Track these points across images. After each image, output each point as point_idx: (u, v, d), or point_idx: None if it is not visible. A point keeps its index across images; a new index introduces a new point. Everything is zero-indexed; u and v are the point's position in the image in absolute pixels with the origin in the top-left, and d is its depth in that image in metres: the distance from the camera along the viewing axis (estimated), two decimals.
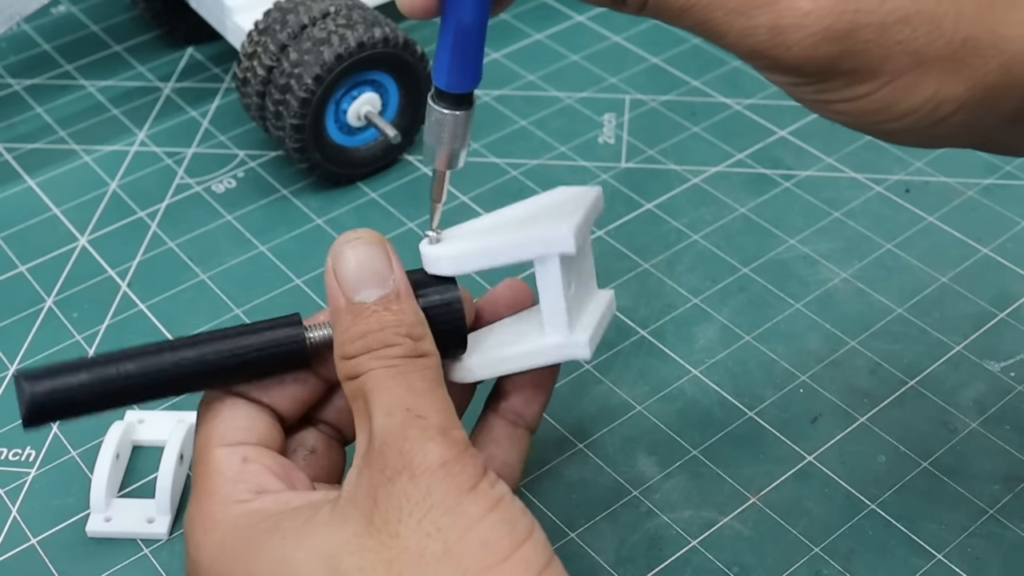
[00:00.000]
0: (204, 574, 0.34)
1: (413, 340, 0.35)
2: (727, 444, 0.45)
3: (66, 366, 0.35)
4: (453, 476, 0.32)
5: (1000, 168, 0.57)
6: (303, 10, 0.55)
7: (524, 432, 0.39)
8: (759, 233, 0.54)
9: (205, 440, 0.36)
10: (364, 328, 0.35)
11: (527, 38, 0.67)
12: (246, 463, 0.35)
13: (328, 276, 0.36)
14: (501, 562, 0.31)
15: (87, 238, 0.55)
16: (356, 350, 0.34)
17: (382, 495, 0.32)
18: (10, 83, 0.65)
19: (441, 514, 0.31)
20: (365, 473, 0.33)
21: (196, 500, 0.35)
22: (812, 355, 0.49)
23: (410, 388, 0.34)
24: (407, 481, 0.32)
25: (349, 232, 0.36)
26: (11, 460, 0.46)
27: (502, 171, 0.58)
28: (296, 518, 0.33)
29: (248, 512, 0.34)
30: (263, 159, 0.59)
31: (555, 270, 0.36)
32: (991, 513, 0.43)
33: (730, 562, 0.41)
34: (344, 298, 0.35)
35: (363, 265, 0.35)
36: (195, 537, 0.34)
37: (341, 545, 0.32)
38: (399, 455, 0.32)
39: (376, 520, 0.32)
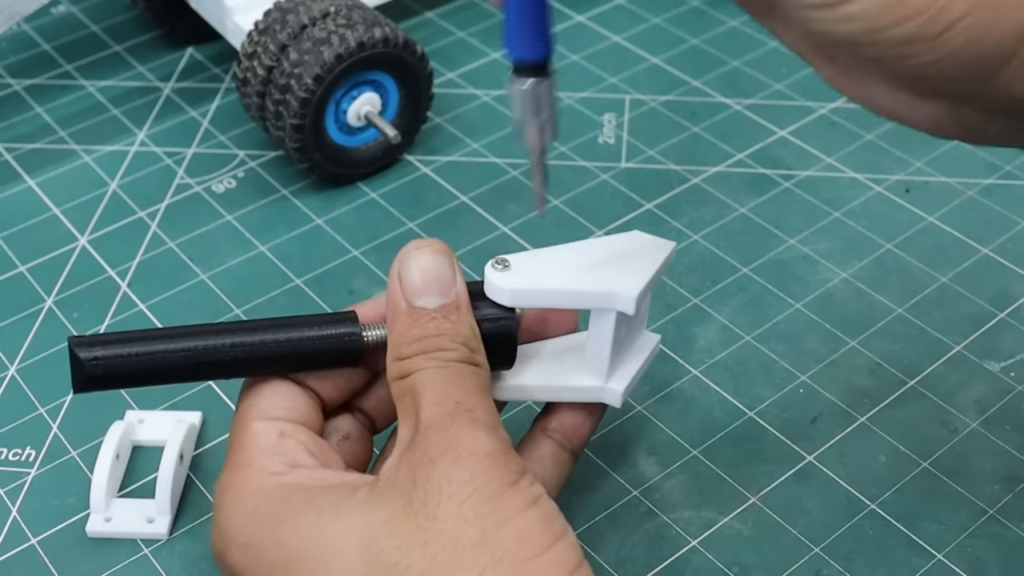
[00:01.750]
0: (232, 543, 0.34)
1: (468, 349, 0.35)
2: (727, 444, 0.45)
3: (121, 336, 0.36)
4: (497, 467, 0.32)
5: (1000, 168, 0.57)
6: (303, 10, 0.55)
7: (568, 456, 0.40)
8: (759, 233, 0.54)
9: (244, 412, 0.36)
10: (422, 332, 0.35)
11: None
12: (283, 437, 0.35)
13: (392, 279, 0.36)
14: (536, 556, 0.31)
15: (87, 238, 0.55)
16: (411, 351, 0.35)
17: (422, 476, 0.32)
18: (10, 83, 0.65)
19: (482, 502, 0.32)
20: (407, 457, 0.33)
21: (229, 470, 0.35)
22: (812, 355, 0.49)
23: (461, 386, 0.34)
24: (450, 463, 0.32)
25: (419, 239, 0.37)
26: (11, 460, 0.46)
27: (502, 171, 0.58)
28: (332, 495, 0.33)
29: (283, 484, 0.34)
30: (263, 159, 0.59)
31: (610, 325, 0.38)
32: (991, 513, 0.43)
33: (730, 562, 0.41)
34: (405, 302, 0.36)
35: (427, 272, 0.36)
36: (225, 507, 0.34)
37: (377, 525, 0.32)
38: (445, 438, 0.33)
39: (415, 501, 0.32)
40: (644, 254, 0.39)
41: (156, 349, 0.36)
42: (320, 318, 0.37)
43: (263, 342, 0.36)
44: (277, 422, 0.36)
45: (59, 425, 0.47)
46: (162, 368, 0.36)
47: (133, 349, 0.35)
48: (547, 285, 0.37)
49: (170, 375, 0.36)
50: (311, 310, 0.51)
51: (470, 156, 0.59)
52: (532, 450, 0.40)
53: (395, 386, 0.35)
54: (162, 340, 0.36)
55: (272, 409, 0.36)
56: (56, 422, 0.47)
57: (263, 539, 0.33)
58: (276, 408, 0.36)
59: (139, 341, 0.36)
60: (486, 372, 0.36)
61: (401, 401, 0.35)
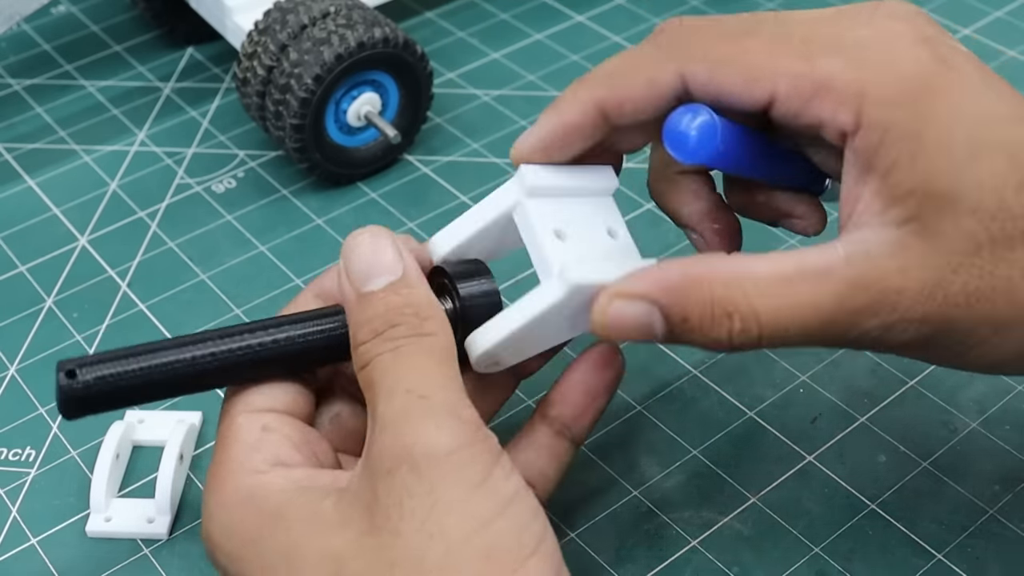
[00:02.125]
0: (218, 548, 0.34)
1: (419, 319, 0.34)
2: (727, 444, 0.45)
3: (106, 356, 0.34)
4: (461, 469, 0.31)
5: None
6: (303, 10, 0.55)
7: (569, 445, 0.38)
8: (759, 233, 0.54)
9: (231, 404, 0.36)
10: (371, 312, 0.34)
11: (527, 38, 0.67)
12: (266, 431, 0.35)
13: (340, 275, 0.36)
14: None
15: (87, 238, 0.55)
16: (365, 335, 0.34)
17: (382, 489, 0.31)
18: (10, 83, 0.65)
19: (445, 513, 0.30)
20: (367, 466, 0.32)
21: (214, 468, 0.35)
22: (812, 355, 0.49)
23: (412, 367, 0.33)
24: (407, 473, 0.31)
25: (355, 230, 0.36)
26: (11, 460, 0.46)
27: (502, 171, 0.58)
28: (301, 506, 0.32)
29: (259, 485, 0.33)
30: (263, 159, 0.59)
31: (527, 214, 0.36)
32: (991, 513, 0.43)
33: (730, 562, 0.41)
34: (354, 291, 0.35)
35: (368, 257, 0.35)
36: (209, 508, 0.34)
37: (346, 547, 0.31)
38: (399, 444, 0.31)
39: (378, 517, 0.31)
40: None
41: (138, 367, 0.34)
42: (305, 315, 0.36)
43: (250, 347, 0.35)
44: (262, 414, 0.35)
45: (59, 425, 0.47)
46: (148, 385, 0.35)
47: (122, 368, 0.34)
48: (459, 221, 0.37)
49: (157, 391, 0.35)
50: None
51: (470, 156, 0.59)
52: (530, 437, 0.38)
53: (359, 378, 0.34)
54: (144, 356, 0.35)
55: (258, 399, 0.36)
56: (56, 422, 0.47)
57: (243, 553, 0.33)
58: (261, 398, 0.36)
59: (127, 359, 0.34)
60: (444, 339, 0.34)
61: (366, 393, 0.34)
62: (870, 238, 0.32)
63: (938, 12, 0.68)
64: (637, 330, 0.33)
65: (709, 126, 0.33)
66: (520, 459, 0.37)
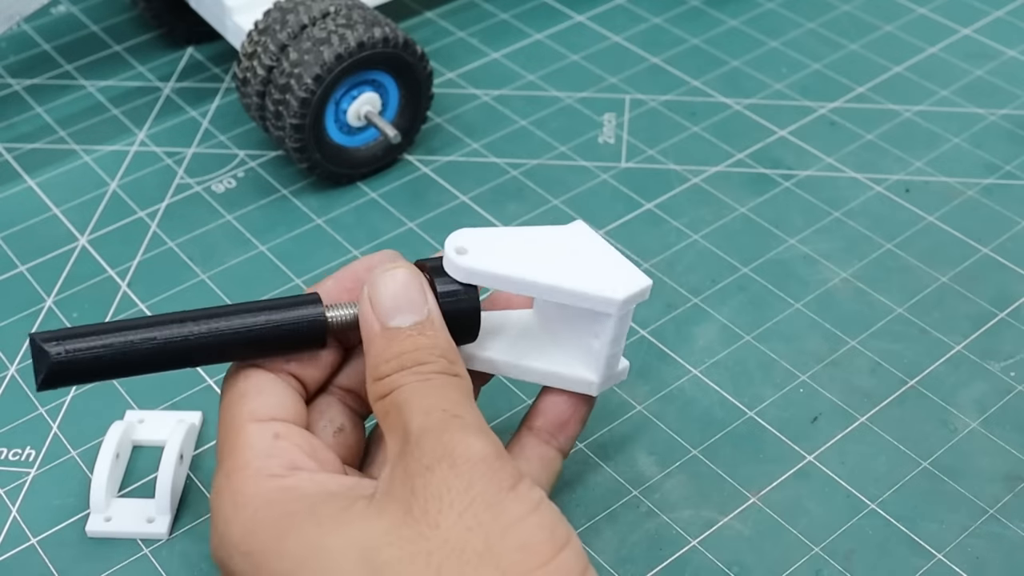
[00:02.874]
0: (234, 549, 0.34)
1: (447, 361, 0.35)
2: (727, 444, 0.45)
3: (84, 330, 0.35)
4: (495, 472, 0.32)
5: (1000, 168, 0.57)
6: (303, 10, 0.55)
7: (557, 454, 0.40)
8: (759, 233, 0.54)
9: (235, 414, 0.36)
10: (399, 349, 0.35)
11: (527, 38, 0.67)
12: (277, 439, 0.35)
13: (363, 303, 0.36)
14: (540, 567, 0.31)
15: (87, 238, 0.55)
16: (390, 369, 0.35)
17: (420, 484, 0.32)
18: (10, 83, 0.65)
19: (483, 509, 0.31)
20: (400, 466, 0.33)
21: (225, 474, 0.35)
22: (812, 355, 0.49)
23: (444, 395, 0.34)
24: (448, 470, 0.32)
25: (386, 262, 0.37)
26: (11, 460, 0.46)
27: (502, 171, 0.58)
28: (331, 505, 0.33)
29: (282, 488, 0.34)
30: (263, 159, 0.59)
31: (610, 327, 0.38)
32: (991, 513, 0.43)
33: (730, 562, 0.41)
34: (379, 323, 0.36)
35: (398, 293, 0.36)
36: (224, 511, 0.34)
37: (378, 537, 0.32)
38: (439, 444, 0.33)
39: (415, 510, 0.32)
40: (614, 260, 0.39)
41: (118, 340, 0.35)
42: (283, 301, 0.37)
43: (228, 328, 0.36)
44: (270, 423, 0.36)
45: (59, 425, 0.47)
46: (125, 359, 0.35)
47: (96, 342, 0.35)
48: (518, 274, 0.37)
49: (134, 366, 0.35)
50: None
51: (470, 156, 0.59)
52: (520, 449, 0.39)
53: (378, 407, 0.35)
54: (124, 331, 0.35)
55: (263, 408, 0.36)
56: (56, 422, 0.47)
57: (265, 549, 0.33)
58: (266, 407, 0.36)
59: (101, 334, 0.35)
60: (468, 382, 0.36)
61: (385, 419, 0.35)
62: None
63: (938, 12, 0.68)
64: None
65: None
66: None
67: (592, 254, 0.39)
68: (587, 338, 0.39)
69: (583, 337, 0.39)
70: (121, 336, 0.35)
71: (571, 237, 0.39)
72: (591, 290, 0.37)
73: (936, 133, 0.60)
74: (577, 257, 0.39)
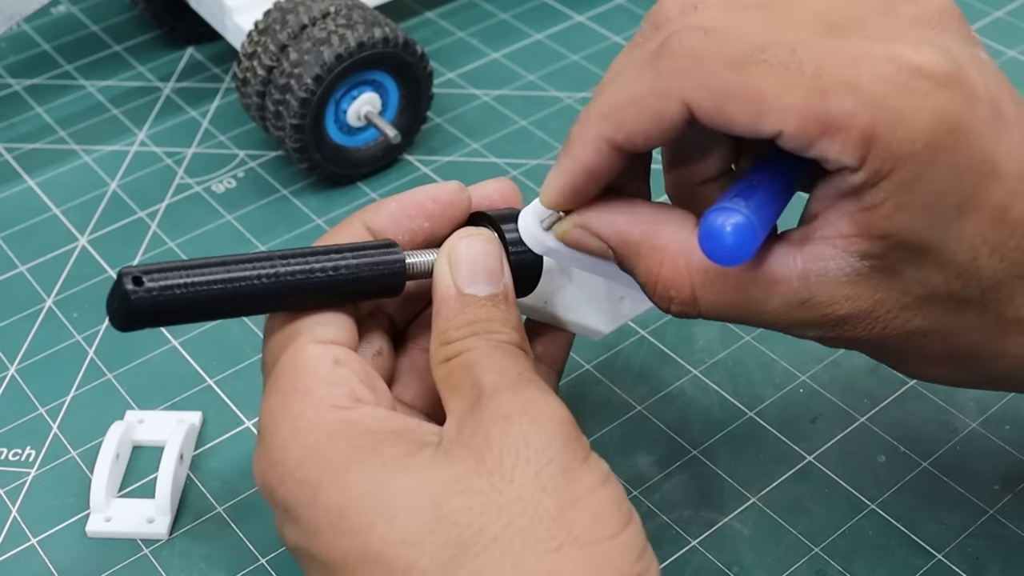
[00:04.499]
0: (288, 476, 0.32)
1: (520, 337, 0.35)
2: (727, 444, 0.45)
3: (170, 266, 0.33)
4: (572, 439, 0.32)
5: None
6: (303, 10, 0.55)
7: (551, 372, 0.40)
8: None
9: (293, 334, 0.34)
10: (472, 316, 0.34)
11: (527, 38, 0.67)
12: (338, 365, 0.34)
13: (440, 264, 0.35)
14: (608, 539, 0.31)
15: (87, 238, 0.55)
16: (461, 335, 0.34)
17: (496, 434, 0.31)
18: (10, 83, 0.65)
19: (559, 472, 0.31)
20: (471, 417, 0.32)
21: (282, 396, 0.33)
22: (812, 355, 0.49)
23: (518, 363, 0.34)
24: (528, 424, 0.31)
25: (467, 227, 0.37)
26: (11, 460, 0.46)
27: (502, 171, 0.58)
28: (397, 446, 0.32)
29: (346, 421, 0.32)
30: (263, 159, 0.59)
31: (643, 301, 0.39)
32: (991, 513, 0.43)
33: (730, 562, 0.41)
34: (455, 287, 0.35)
35: (477, 260, 0.35)
36: (281, 435, 0.33)
37: (448, 484, 0.31)
38: (519, 398, 0.32)
39: (488, 461, 0.31)
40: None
41: (207, 279, 0.33)
42: (363, 247, 0.35)
43: (316, 270, 0.34)
44: (330, 346, 0.34)
45: (59, 425, 0.47)
46: (214, 299, 0.33)
47: (184, 279, 0.33)
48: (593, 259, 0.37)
49: (221, 308, 0.34)
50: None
51: (470, 156, 0.59)
52: None
53: (441, 368, 0.34)
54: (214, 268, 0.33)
55: (322, 331, 0.35)
56: (56, 422, 0.47)
57: (323, 479, 0.32)
58: (325, 328, 0.35)
59: (186, 270, 0.33)
60: (532, 356, 0.35)
61: (450, 379, 0.34)
62: (829, 263, 0.32)
63: None
64: (592, 251, 0.35)
65: (745, 229, 0.31)
66: None
67: None
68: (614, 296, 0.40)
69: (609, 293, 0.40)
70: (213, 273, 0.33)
71: None
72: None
73: None
74: None
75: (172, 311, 0.33)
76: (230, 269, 0.33)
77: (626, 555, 0.31)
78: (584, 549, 0.30)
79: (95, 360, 0.49)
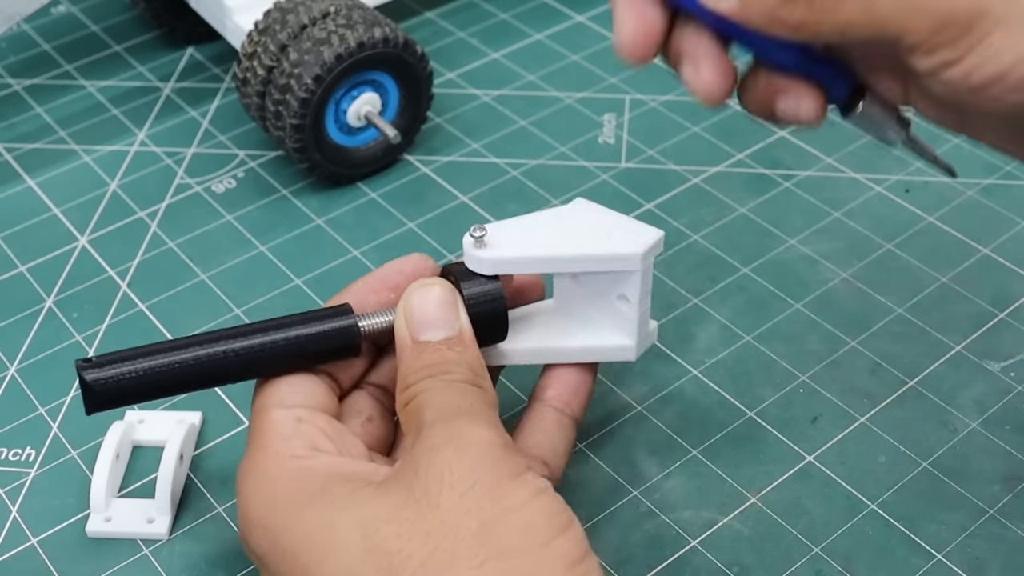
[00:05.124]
0: (254, 525, 0.35)
1: (474, 374, 0.36)
2: (727, 444, 0.45)
3: (124, 355, 0.37)
4: (500, 460, 0.33)
5: (1000, 168, 0.57)
6: (303, 10, 0.55)
7: (570, 421, 0.41)
8: (759, 233, 0.54)
9: (263, 402, 0.37)
10: (427, 361, 0.36)
11: (527, 38, 0.67)
12: (300, 423, 0.36)
13: (398, 317, 0.38)
14: (539, 548, 0.31)
15: (87, 238, 0.55)
16: (417, 378, 0.36)
17: (424, 464, 0.33)
18: (10, 83, 0.65)
19: (483, 492, 0.32)
20: (410, 453, 0.34)
21: (250, 455, 0.36)
22: (812, 355, 0.49)
23: (464, 397, 0.35)
24: (452, 452, 0.33)
25: (422, 278, 0.39)
26: (11, 460, 0.46)
27: (502, 171, 0.58)
28: (343, 486, 0.34)
29: (302, 468, 0.35)
30: (263, 159, 0.59)
31: (636, 283, 0.40)
32: (991, 513, 0.43)
33: (730, 562, 0.41)
34: (411, 337, 0.37)
35: (430, 308, 0.37)
36: (246, 489, 0.36)
37: (380, 514, 0.33)
38: (447, 429, 0.34)
39: (416, 490, 0.32)
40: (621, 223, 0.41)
41: (158, 364, 0.37)
42: (316, 314, 0.38)
43: (265, 344, 0.37)
44: (295, 409, 0.37)
45: (59, 425, 0.47)
46: (170, 380, 0.37)
47: (140, 365, 0.36)
48: (537, 252, 0.39)
49: (176, 387, 0.37)
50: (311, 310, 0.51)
51: (470, 156, 0.59)
52: (535, 421, 0.40)
53: (402, 414, 0.36)
54: (163, 354, 0.37)
55: (290, 397, 0.37)
56: (56, 422, 0.47)
57: (281, 525, 0.34)
58: (293, 396, 0.37)
59: (145, 356, 0.37)
60: (492, 395, 0.37)
61: (407, 422, 0.36)
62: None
63: None
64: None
65: None
66: (530, 442, 0.39)
67: (601, 222, 0.41)
68: (614, 305, 0.41)
69: (610, 306, 0.41)
70: (159, 359, 0.37)
71: (576, 212, 0.41)
72: (613, 251, 0.39)
73: (936, 133, 0.60)
74: (589, 228, 0.40)
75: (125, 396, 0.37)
76: (180, 352, 0.37)
77: (558, 563, 0.31)
78: (510, 561, 0.31)
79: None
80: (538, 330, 0.41)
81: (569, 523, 0.33)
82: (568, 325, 0.42)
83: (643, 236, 0.40)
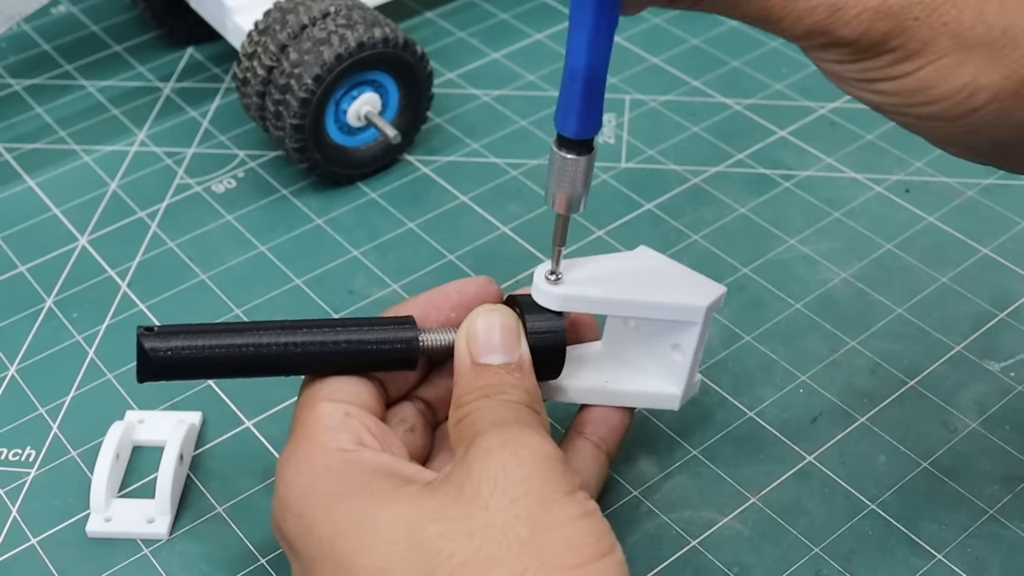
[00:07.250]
0: (289, 511, 0.35)
1: (530, 397, 0.37)
2: (727, 444, 0.45)
3: (187, 328, 0.37)
4: (555, 473, 0.33)
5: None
6: (303, 10, 0.55)
7: (605, 458, 0.41)
8: (759, 233, 0.54)
9: (310, 394, 0.38)
10: (485, 382, 0.37)
11: (527, 38, 0.67)
12: (348, 417, 0.37)
13: (459, 338, 0.38)
14: (580, 566, 0.31)
15: (87, 238, 0.55)
16: (472, 398, 0.36)
17: (477, 466, 0.33)
18: (10, 83, 0.65)
19: (535, 502, 0.32)
20: (463, 458, 0.34)
21: (293, 443, 0.36)
22: (812, 355, 0.49)
23: (520, 414, 0.35)
24: (509, 456, 0.33)
25: (487, 303, 0.39)
26: (11, 460, 0.46)
27: (502, 171, 0.58)
28: (388, 481, 0.34)
29: (345, 459, 0.35)
30: (263, 159, 0.59)
31: (695, 335, 0.40)
32: (991, 513, 0.43)
33: (730, 562, 0.41)
34: (471, 358, 0.37)
35: (494, 333, 0.38)
36: (287, 476, 0.35)
37: (426, 514, 0.32)
38: (504, 433, 0.34)
39: (467, 491, 0.32)
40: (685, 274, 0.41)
41: (217, 344, 0.37)
42: (380, 321, 0.39)
43: (327, 342, 0.38)
44: (343, 404, 0.37)
45: (59, 425, 0.47)
46: (226, 362, 0.37)
47: (201, 342, 0.37)
48: (605, 295, 0.39)
49: (233, 370, 0.38)
50: (311, 311, 0.51)
51: (470, 156, 0.59)
52: (575, 451, 0.40)
53: (454, 431, 0.36)
54: (228, 334, 0.37)
55: (339, 393, 0.37)
56: (56, 422, 0.47)
57: (316, 512, 0.34)
58: (342, 392, 0.37)
59: (206, 334, 0.37)
60: (546, 421, 0.37)
61: (459, 437, 0.36)
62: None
63: None
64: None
65: None
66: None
67: (665, 271, 0.41)
68: (666, 354, 0.41)
69: (661, 354, 0.41)
70: (218, 339, 0.37)
71: (640, 259, 0.42)
72: (679, 301, 0.40)
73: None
74: (654, 275, 0.41)
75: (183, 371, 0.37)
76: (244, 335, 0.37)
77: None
78: (552, 573, 0.31)
79: (95, 360, 0.49)
80: (587, 370, 0.42)
81: (612, 547, 0.32)
82: (617, 368, 0.42)
83: (707, 289, 0.40)
